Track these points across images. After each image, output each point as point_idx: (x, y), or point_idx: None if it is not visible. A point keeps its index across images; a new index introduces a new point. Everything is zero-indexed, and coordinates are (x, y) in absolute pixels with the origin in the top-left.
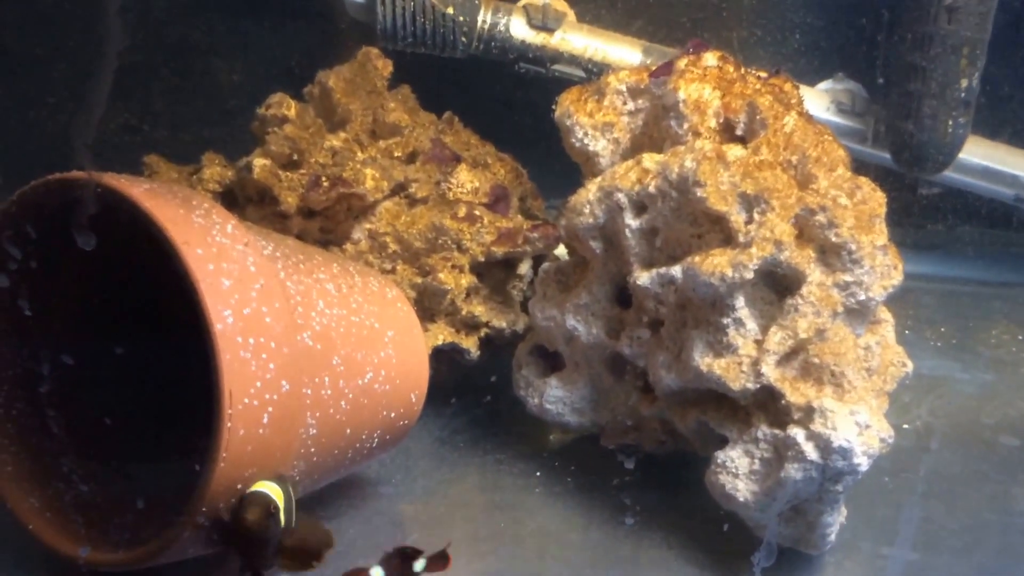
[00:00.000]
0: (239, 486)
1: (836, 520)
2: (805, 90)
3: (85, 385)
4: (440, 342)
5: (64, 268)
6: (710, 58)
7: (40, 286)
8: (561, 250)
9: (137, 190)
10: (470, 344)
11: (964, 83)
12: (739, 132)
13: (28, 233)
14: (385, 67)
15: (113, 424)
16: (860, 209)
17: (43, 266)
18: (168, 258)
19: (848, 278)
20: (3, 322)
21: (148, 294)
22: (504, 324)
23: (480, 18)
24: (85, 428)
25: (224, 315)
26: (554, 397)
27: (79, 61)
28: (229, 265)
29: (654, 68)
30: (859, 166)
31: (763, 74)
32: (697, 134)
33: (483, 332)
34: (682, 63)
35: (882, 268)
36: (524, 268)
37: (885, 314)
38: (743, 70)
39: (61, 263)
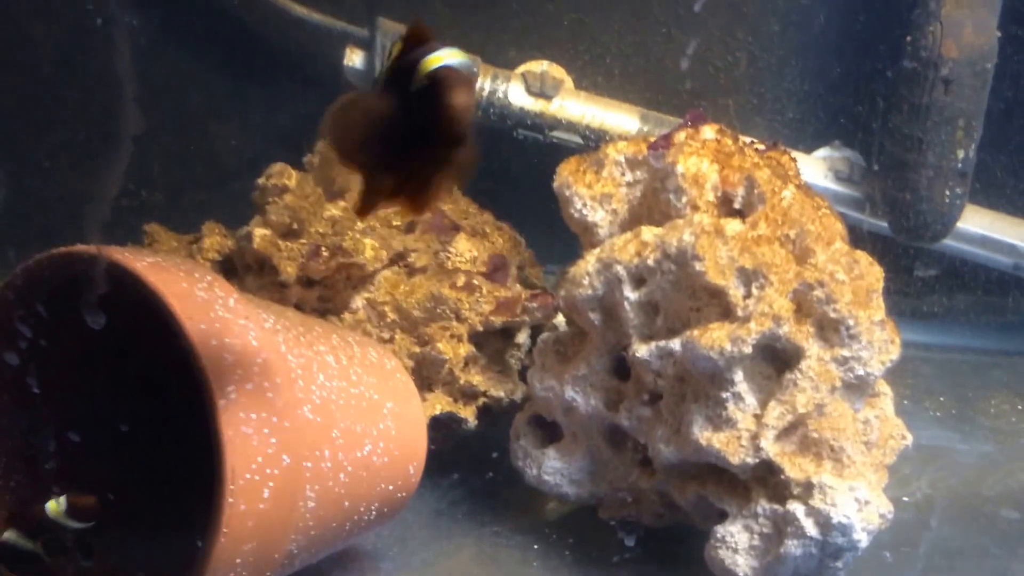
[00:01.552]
0: (238, 560)
1: None
2: (802, 157)
3: (85, 456)
4: (438, 411)
5: (65, 339)
6: (708, 131)
7: (41, 358)
8: (560, 318)
9: (141, 264)
10: (468, 413)
11: (960, 154)
12: (737, 205)
13: (36, 309)
14: None
15: (113, 497)
16: (858, 284)
17: (47, 339)
18: (171, 331)
19: (846, 353)
20: (3, 394)
21: (149, 365)
22: (502, 393)
23: (479, 85)
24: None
25: (227, 391)
26: (552, 468)
27: (78, 127)
28: (232, 340)
29: (652, 139)
30: (857, 234)
31: (761, 146)
32: (695, 207)
33: (481, 401)
34: (680, 136)
35: (880, 343)
36: (522, 337)
37: (883, 387)
38: (741, 143)
39: (62, 335)
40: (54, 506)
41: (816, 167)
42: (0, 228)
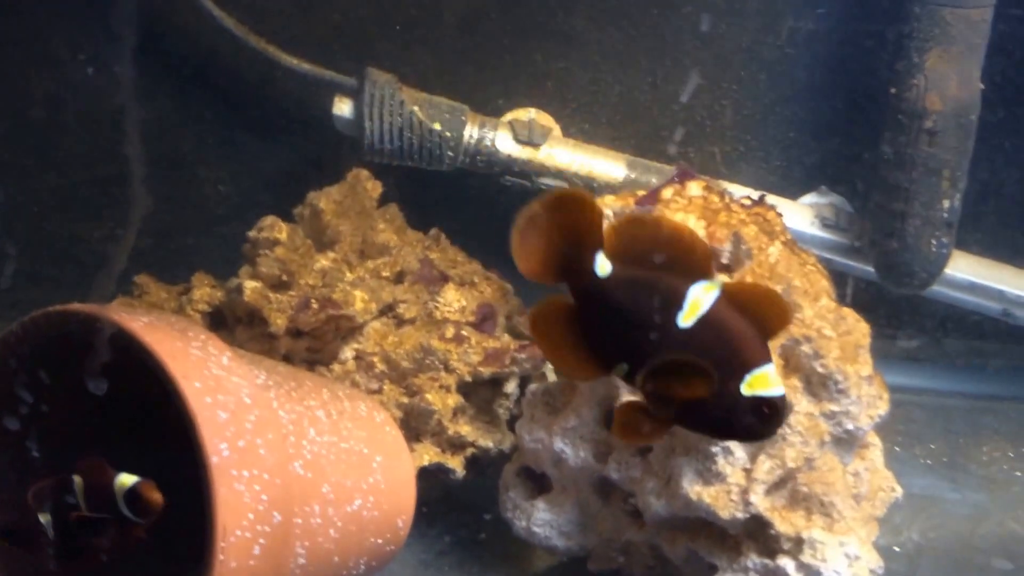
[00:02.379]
0: None
1: None
2: (788, 204)
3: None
4: (426, 462)
5: (58, 397)
6: (695, 187)
7: (38, 418)
8: (549, 367)
9: (137, 324)
10: (456, 464)
11: (946, 203)
12: (724, 261)
13: (37, 373)
14: (375, 188)
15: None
16: (845, 340)
17: (42, 399)
18: (165, 390)
19: (835, 408)
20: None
21: (138, 419)
22: (490, 443)
23: (467, 133)
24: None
25: (220, 448)
26: (541, 520)
27: (68, 172)
28: (225, 397)
29: (640, 194)
30: (844, 279)
31: (747, 201)
32: None
33: (469, 451)
34: (668, 192)
35: (868, 398)
36: (511, 387)
37: (873, 438)
38: (727, 199)
39: (55, 392)
40: (123, 480)
41: (802, 213)
42: None
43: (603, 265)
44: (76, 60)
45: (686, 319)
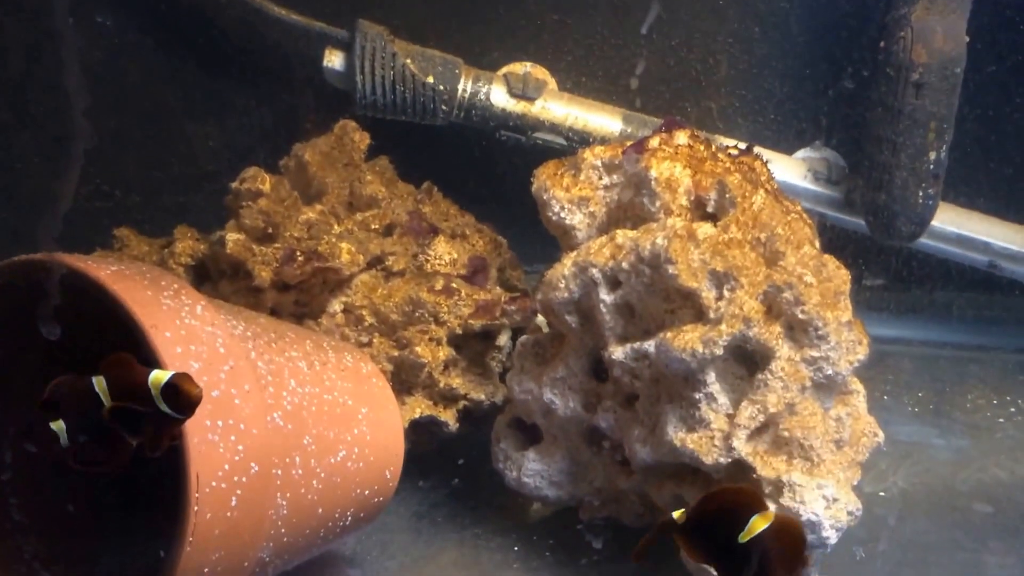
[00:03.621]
0: (205, 569)
1: None
2: (782, 159)
3: (47, 468)
4: (418, 415)
5: (25, 350)
6: (681, 136)
7: (2, 369)
8: (541, 319)
9: (104, 272)
10: (448, 417)
11: (932, 156)
12: (710, 209)
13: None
14: (362, 140)
15: (77, 508)
16: (826, 286)
17: (6, 350)
18: (136, 340)
19: (815, 353)
20: None
21: None
22: (483, 396)
23: (460, 87)
24: (48, 512)
25: None
26: (532, 471)
27: (47, 127)
28: (198, 347)
29: (628, 144)
30: (836, 233)
31: (734, 151)
32: (668, 211)
33: (461, 404)
34: (654, 141)
35: (848, 343)
36: (503, 339)
37: (856, 385)
38: (714, 148)
39: (25, 345)
40: (157, 376)
41: (796, 168)
42: None
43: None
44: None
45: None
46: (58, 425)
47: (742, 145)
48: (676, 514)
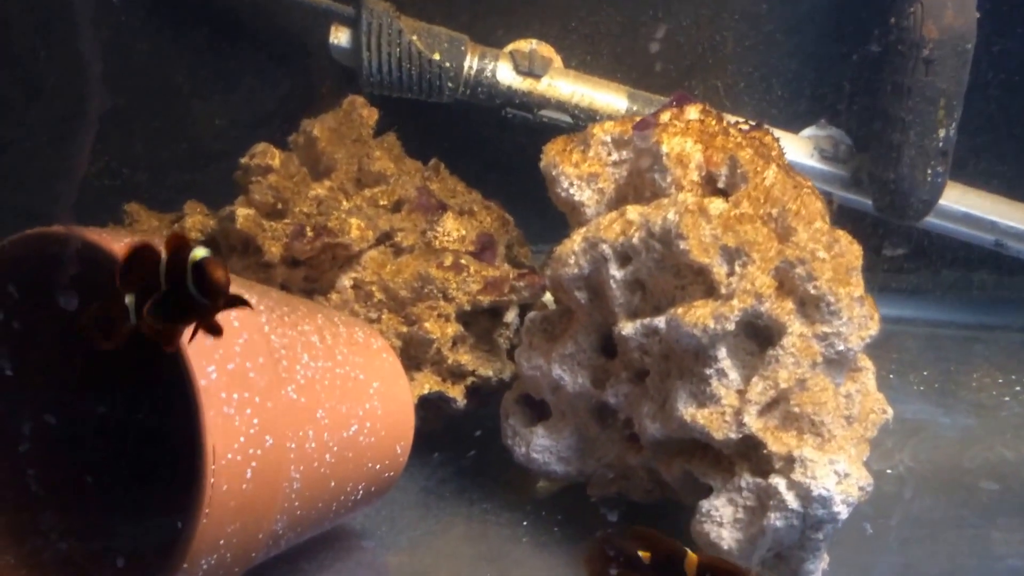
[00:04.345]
0: (221, 541)
1: (818, 567)
2: (788, 137)
3: (65, 441)
4: (426, 391)
5: (42, 322)
6: (692, 112)
7: (17, 342)
8: (548, 297)
9: (118, 245)
10: (456, 393)
11: (941, 133)
12: (721, 185)
13: (7, 290)
14: (370, 116)
15: (93, 480)
16: (838, 262)
17: (21, 322)
18: None
19: (827, 329)
20: None
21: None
22: (490, 373)
23: (466, 64)
24: (65, 484)
25: (208, 371)
26: (540, 446)
27: (55, 104)
28: None
29: (638, 119)
30: (842, 212)
31: (744, 126)
32: (680, 187)
33: (469, 381)
34: (665, 116)
35: (859, 319)
36: (511, 316)
37: (865, 362)
38: (725, 123)
39: (39, 317)
40: (196, 253)
41: (802, 146)
42: None
43: None
44: None
45: None
46: (130, 299)
47: (752, 121)
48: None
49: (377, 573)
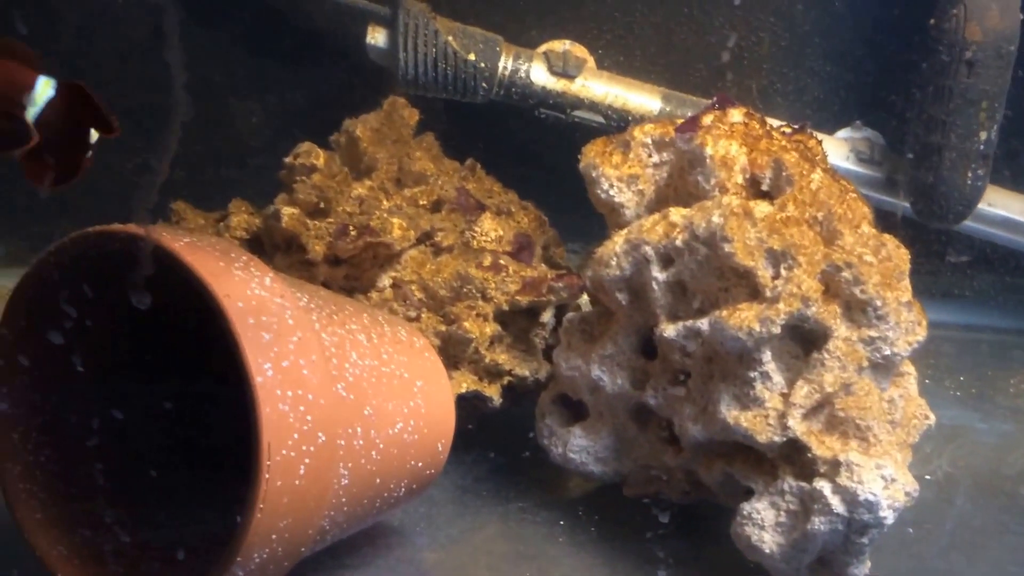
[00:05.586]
0: (273, 536)
1: (861, 572)
2: (823, 138)
3: (116, 433)
4: (464, 390)
5: (103, 318)
6: (736, 114)
7: (78, 337)
8: (585, 298)
9: (179, 244)
10: (493, 392)
11: (983, 135)
12: (765, 188)
13: (79, 288)
14: (411, 116)
15: (148, 472)
16: (885, 266)
17: (96, 320)
18: (208, 310)
19: (873, 333)
20: (32, 370)
21: (184, 342)
22: (527, 372)
23: (501, 64)
24: (116, 476)
25: (264, 368)
26: (578, 446)
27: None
28: (268, 318)
29: (680, 122)
30: (881, 213)
31: (787, 129)
32: (724, 190)
33: (506, 380)
34: (708, 119)
35: (907, 324)
36: (547, 316)
37: (908, 367)
38: (768, 126)
39: (96, 312)
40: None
41: (837, 148)
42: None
43: None
44: None
45: None
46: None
47: (795, 125)
48: None
49: (417, 569)
